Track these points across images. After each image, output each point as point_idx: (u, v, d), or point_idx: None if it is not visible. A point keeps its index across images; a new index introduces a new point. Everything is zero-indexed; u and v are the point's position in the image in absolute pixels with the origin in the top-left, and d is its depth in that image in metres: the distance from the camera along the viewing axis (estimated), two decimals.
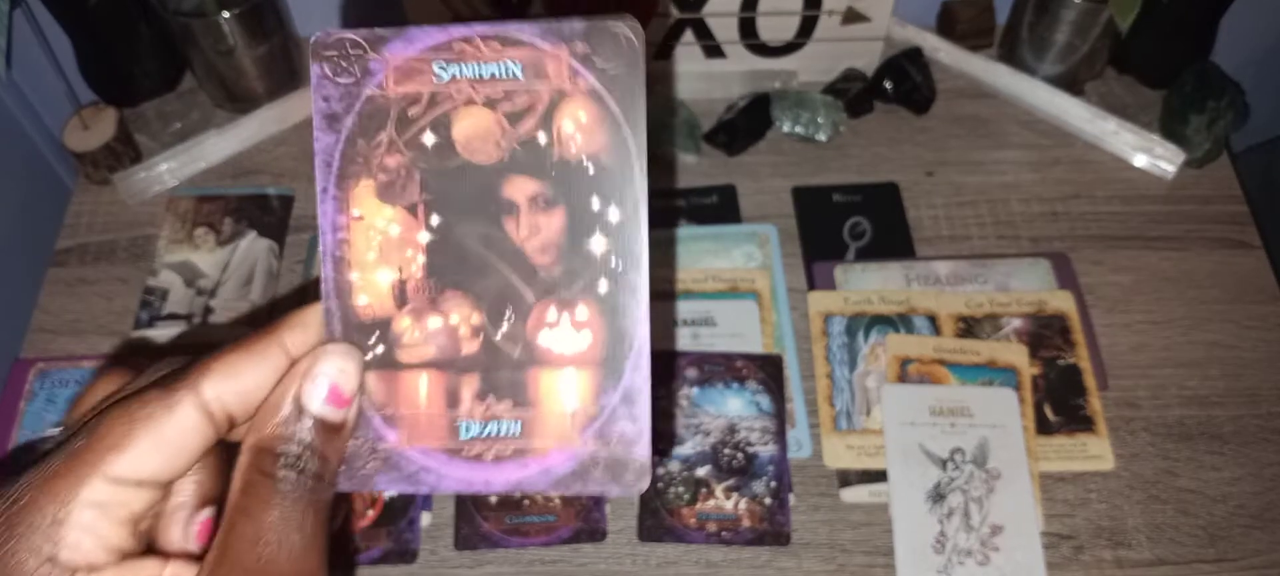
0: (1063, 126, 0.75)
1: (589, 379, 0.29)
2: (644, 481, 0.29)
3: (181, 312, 0.68)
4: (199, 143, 0.75)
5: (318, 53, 0.28)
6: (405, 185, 0.29)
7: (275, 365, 0.27)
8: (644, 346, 0.29)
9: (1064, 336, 0.65)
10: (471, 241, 0.29)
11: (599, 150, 0.28)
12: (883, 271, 0.68)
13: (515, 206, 0.29)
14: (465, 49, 0.28)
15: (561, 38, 0.28)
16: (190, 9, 0.70)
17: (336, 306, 0.29)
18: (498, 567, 0.58)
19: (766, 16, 0.72)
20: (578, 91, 0.28)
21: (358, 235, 0.29)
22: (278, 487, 0.25)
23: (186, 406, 0.25)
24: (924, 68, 0.76)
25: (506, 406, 0.29)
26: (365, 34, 0.28)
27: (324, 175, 0.29)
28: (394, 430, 0.29)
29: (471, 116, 0.28)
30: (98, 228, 0.73)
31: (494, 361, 0.29)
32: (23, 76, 0.78)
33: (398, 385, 0.29)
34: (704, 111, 0.76)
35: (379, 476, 0.29)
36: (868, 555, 0.58)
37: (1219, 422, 0.62)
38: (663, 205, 0.72)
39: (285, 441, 0.26)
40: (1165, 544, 0.58)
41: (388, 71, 0.28)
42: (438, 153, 0.29)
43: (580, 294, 0.29)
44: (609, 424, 0.29)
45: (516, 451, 0.29)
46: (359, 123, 0.29)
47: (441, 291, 0.29)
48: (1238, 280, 0.68)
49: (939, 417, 0.61)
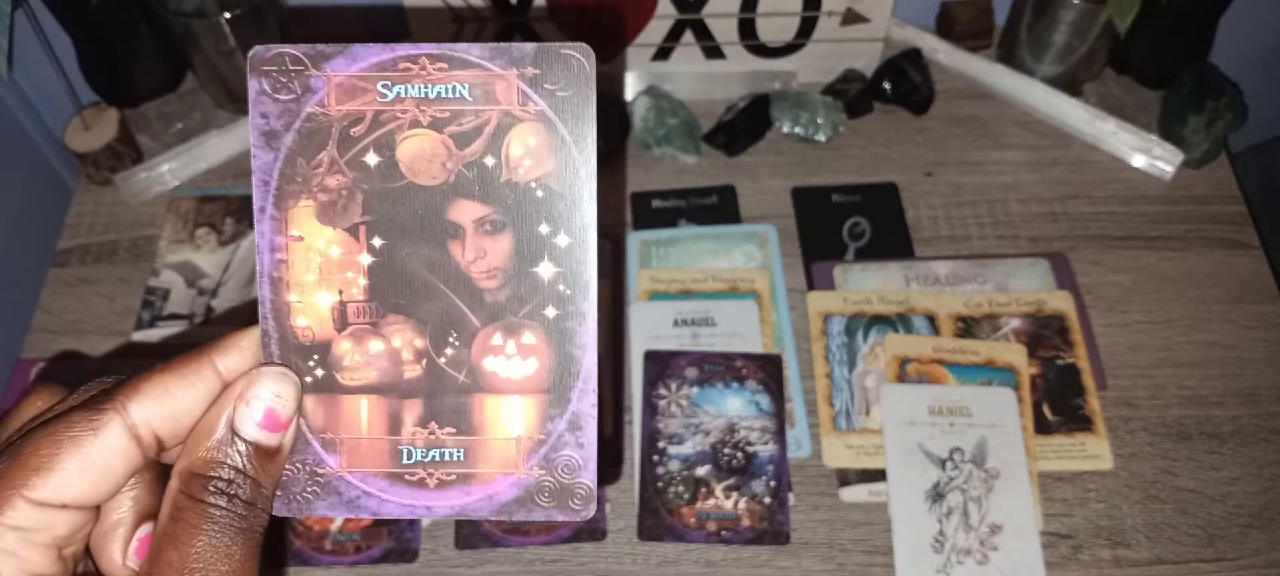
0: (1061, 127, 0.76)
1: (535, 405, 0.28)
2: (589, 508, 0.28)
3: (183, 313, 0.68)
4: (200, 143, 0.75)
5: (256, 67, 0.28)
6: (346, 206, 0.28)
7: (208, 387, 0.27)
8: (592, 372, 0.28)
9: (1063, 336, 0.65)
10: (415, 264, 0.28)
11: (548, 174, 0.28)
12: (882, 271, 0.68)
13: (461, 229, 0.28)
14: (411, 69, 0.28)
15: (511, 60, 0.28)
16: (191, 10, 0.70)
17: (274, 328, 0.28)
18: (498, 567, 0.58)
19: (766, 17, 0.72)
20: (527, 115, 0.28)
21: (297, 256, 0.28)
22: (207, 513, 0.25)
23: (113, 428, 0.25)
24: (923, 68, 0.76)
25: (450, 432, 0.29)
26: (306, 49, 0.28)
27: (261, 194, 0.28)
28: (334, 455, 0.28)
29: (417, 137, 0.28)
30: (99, 228, 0.73)
31: (438, 386, 0.29)
32: (24, 77, 0.78)
33: (338, 409, 0.28)
34: (704, 112, 0.76)
35: (318, 502, 0.28)
36: (867, 554, 0.58)
37: (1218, 422, 0.62)
38: (663, 205, 0.72)
39: (216, 465, 0.25)
40: (1164, 543, 0.58)
41: (329, 89, 0.28)
42: (381, 173, 0.28)
43: (527, 319, 0.28)
44: (555, 450, 0.28)
45: (460, 477, 0.28)
46: (298, 141, 0.28)
47: (384, 315, 0.28)
48: (1236, 280, 0.68)
49: (938, 417, 0.61)
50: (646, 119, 0.74)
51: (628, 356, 0.65)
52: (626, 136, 0.75)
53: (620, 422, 0.63)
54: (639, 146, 0.75)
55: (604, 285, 0.68)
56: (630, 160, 0.75)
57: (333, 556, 0.58)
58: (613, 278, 0.69)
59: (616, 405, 0.64)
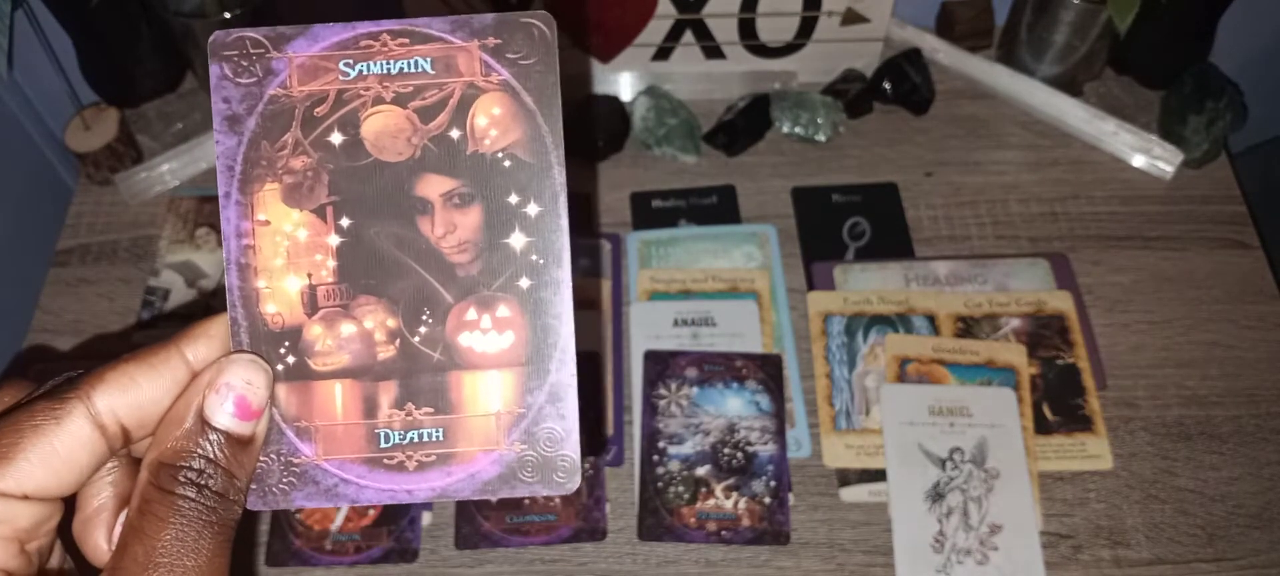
0: (1061, 127, 0.76)
1: (513, 378, 0.28)
2: (574, 480, 0.28)
3: (183, 313, 0.68)
4: (200, 143, 0.75)
5: (216, 52, 0.27)
6: (313, 187, 0.28)
7: (175, 377, 0.26)
8: (569, 342, 0.28)
9: (1063, 336, 0.65)
10: (384, 242, 0.28)
11: (514, 144, 0.28)
12: (882, 271, 0.68)
13: (429, 204, 0.28)
14: (372, 45, 0.28)
15: (472, 32, 0.27)
16: (191, 10, 0.70)
17: (243, 316, 0.28)
18: (498, 567, 0.58)
19: (766, 17, 0.72)
20: (490, 85, 0.28)
21: (264, 241, 0.28)
22: (175, 505, 0.24)
23: (77, 417, 0.24)
24: (923, 68, 0.76)
25: (428, 412, 0.28)
26: (266, 32, 0.27)
27: (226, 180, 0.28)
28: (309, 443, 0.28)
29: (381, 114, 0.28)
30: (99, 228, 0.73)
31: (413, 366, 0.28)
32: (24, 77, 0.78)
33: (311, 396, 0.28)
34: (704, 112, 0.76)
35: (295, 493, 0.28)
36: (867, 554, 0.58)
37: (1217, 422, 0.62)
38: (663, 205, 0.72)
39: (186, 455, 0.25)
40: (1164, 543, 0.58)
41: (291, 70, 0.28)
42: (346, 152, 0.28)
43: (500, 291, 0.28)
44: (536, 424, 0.28)
45: (440, 457, 0.28)
46: (262, 124, 0.28)
47: (354, 296, 0.28)
48: (1236, 280, 0.68)
49: (938, 417, 0.61)
50: (646, 119, 0.74)
51: (628, 356, 0.65)
52: (626, 136, 0.75)
53: (620, 422, 0.63)
54: (639, 146, 0.75)
55: (604, 285, 0.68)
56: (630, 160, 0.74)
57: (333, 556, 0.58)
58: (613, 278, 0.69)
59: (616, 405, 0.64)
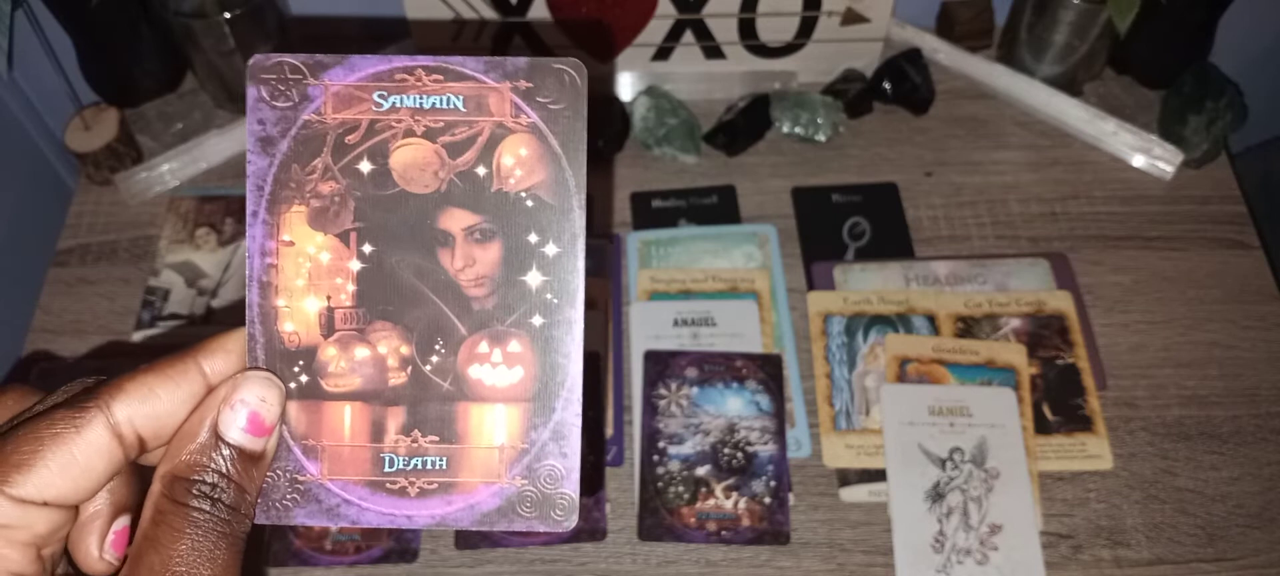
0: (1061, 127, 0.76)
1: (519, 414, 0.28)
2: (572, 519, 0.28)
3: (183, 313, 0.68)
4: (200, 143, 0.75)
5: (255, 76, 0.28)
6: (338, 213, 0.28)
7: (192, 390, 0.26)
8: (576, 382, 0.28)
9: (1063, 336, 0.65)
10: (404, 271, 0.29)
11: (538, 185, 0.28)
12: (882, 271, 0.68)
13: (451, 237, 0.28)
14: (407, 79, 0.28)
15: (504, 73, 0.28)
16: (191, 9, 0.70)
17: (261, 332, 0.28)
18: (498, 567, 0.58)
19: (766, 17, 0.72)
20: (519, 127, 0.28)
21: (287, 261, 0.28)
22: (190, 517, 0.24)
23: (97, 426, 0.24)
24: (923, 68, 0.76)
25: (433, 440, 0.29)
26: (305, 59, 0.28)
27: (255, 199, 0.28)
28: (315, 462, 0.28)
29: (410, 146, 0.28)
30: (99, 228, 0.73)
31: (422, 393, 0.29)
32: (24, 77, 0.78)
33: (321, 416, 0.28)
34: (704, 112, 0.76)
35: (297, 510, 0.28)
36: (867, 554, 0.58)
37: (1217, 422, 0.62)
38: (663, 205, 0.72)
39: (200, 469, 0.25)
40: (1164, 543, 0.58)
41: (326, 97, 0.28)
42: (374, 181, 0.28)
43: (514, 327, 0.28)
44: (538, 460, 0.28)
45: (441, 486, 0.28)
46: (294, 148, 0.28)
47: (371, 321, 0.29)
48: (1236, 280, 0.68)
49: (938, 417, 0.61)
50: (646, 119, 0.74)
51: (628, 356, 0.65)
52: (626, 136, 0.75)
53: (620, 422, 0.63)
54: (639, 146, 0.75)
55: (604, 285, 0.68)
56: (630, 160, 0.74)
57: (333, 556, 0.58)
58: (613, 278, 0.69)
59: (616, 405, 0.64)
